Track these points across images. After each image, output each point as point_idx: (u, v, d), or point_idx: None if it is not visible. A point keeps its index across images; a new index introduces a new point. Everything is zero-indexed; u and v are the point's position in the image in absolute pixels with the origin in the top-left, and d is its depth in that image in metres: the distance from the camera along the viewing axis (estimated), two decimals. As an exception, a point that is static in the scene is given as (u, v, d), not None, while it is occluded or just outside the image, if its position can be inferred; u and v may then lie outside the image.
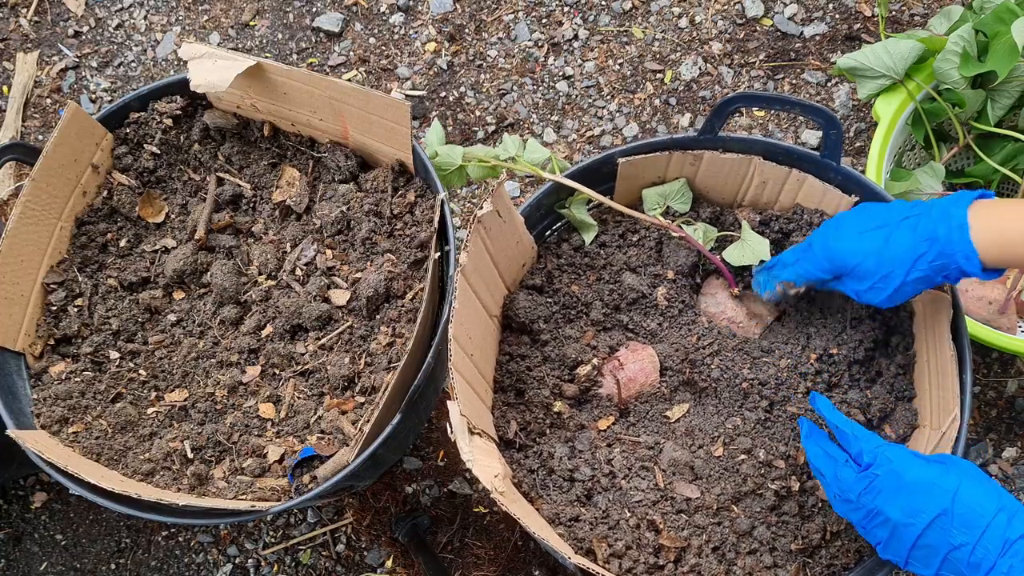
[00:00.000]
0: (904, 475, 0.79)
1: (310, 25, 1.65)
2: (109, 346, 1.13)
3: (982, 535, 0.75)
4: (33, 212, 1.09)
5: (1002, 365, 1.37)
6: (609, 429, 1.02)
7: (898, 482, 0.79)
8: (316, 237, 1.14)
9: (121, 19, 1.70)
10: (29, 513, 1.42)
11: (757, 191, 1.08)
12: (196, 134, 1.19)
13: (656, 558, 0.92)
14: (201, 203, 1.19)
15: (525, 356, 1.04)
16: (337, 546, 1.37)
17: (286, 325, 1.10)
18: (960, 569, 0.77)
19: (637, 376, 1.02)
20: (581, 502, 0.96)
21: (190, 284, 1.16)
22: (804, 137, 1.49)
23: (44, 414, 1.06)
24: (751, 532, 0.94)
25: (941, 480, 0.78)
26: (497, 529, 1.34)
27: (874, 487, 0.81)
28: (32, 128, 1.65)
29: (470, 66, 1.60)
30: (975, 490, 0.77)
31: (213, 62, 1.09)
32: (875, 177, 1.23)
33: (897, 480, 0.80)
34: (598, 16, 1.61)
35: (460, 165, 1.08)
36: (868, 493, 0.81)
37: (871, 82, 1.29)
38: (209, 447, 1.06)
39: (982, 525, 0.75)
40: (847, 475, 0.83)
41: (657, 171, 1.08)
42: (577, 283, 1.09)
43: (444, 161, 1.07)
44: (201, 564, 1.38)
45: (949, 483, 0.78)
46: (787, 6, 1.57)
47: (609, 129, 1.53)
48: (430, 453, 1.39)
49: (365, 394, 1.05)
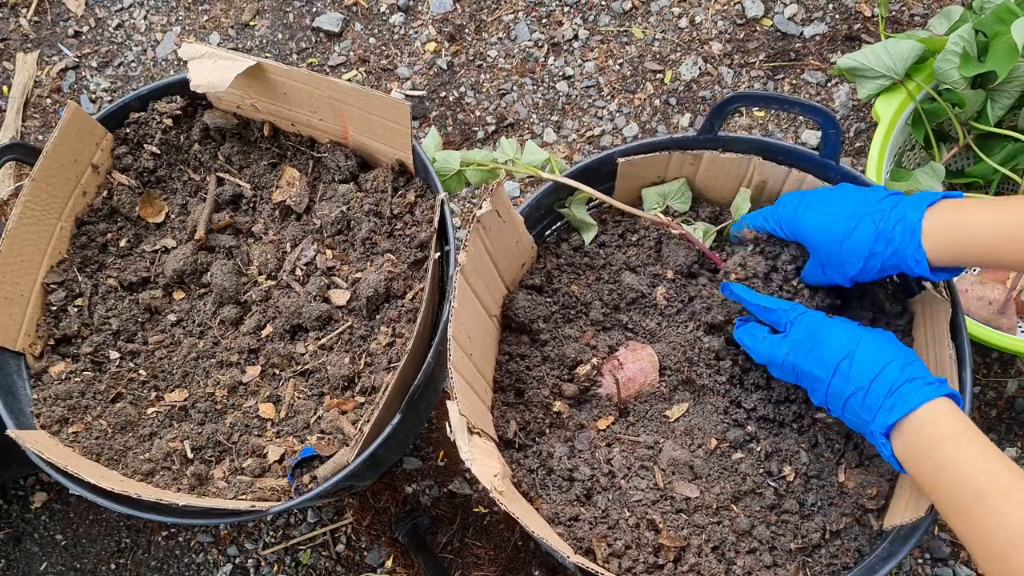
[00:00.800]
0: (816, 331, 0.89)
1: (310, 25, 1.65)
2: (109, 346, 1.13)
3: (874, 380, 0.82)
4: (33, 212, 1.09)
5: (1002, 365, 1.37)
6: (608, 429, 1.02)
7: (811, 339, 0.89)
8: (316, 237, 1.14)
9: (121, 19, 1.70)
10: (29, 513, 1.42)
11: (757, 191, 1.08)
12: (196, 134, 1.19)
13: (656, 557, 0.92)
14: (201, 203, 1.19)
15: (524, 356, 1.04)
16: (337, 546, 1.37)
17: (286, 325, 1.10)
18: (859, 412, 0.84)
19: (636, 376, 1.02)
20: (580, 502, 0.96)
21: (190, 284, 1.16)
22: (804, 137, 1.49)
23: (44, 414, 1.06)
24: (751, 531, 0.94)
25: (847, 333, 0.87)
26: (497, 529, 1.34)
27: (794, 347, 0.90)
28: (32, 128, 1.65)
29: (470, 66, 1.60)
30: (875, 340, 0.85)
31: (213, 62, 1.09)
32: (875, 177, 1.23)
33: (811, 337, 0.89)
34: (598, 16, 1.61)
35: (459, 170, 1.08)
36: (790, 353, 0.90)
37: (871, 82, 1.29)
38: (209, 447, 1.06)
39: (876, 370, 0.82)
40: (770, 343, 0.93)
41: (657, 171, 1.09)
42: (576, 283, 1.09)
43: (442, 167, 1.07)
44: (201, 564, 1.38)
45: (853, 335, 0.86)
46: (787, 6, 1.57)
47: (609, 129, 1.53)
48: (430, 453, 1.39)
49: (365, 394, 1.05)
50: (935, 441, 0.77)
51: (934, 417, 0.78)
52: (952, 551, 1.28)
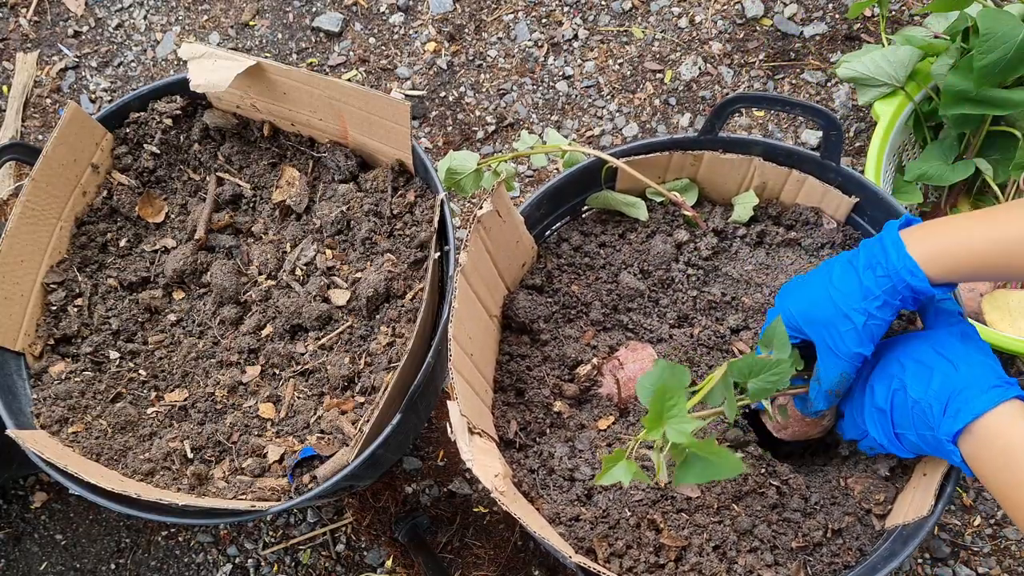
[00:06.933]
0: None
1: (310, 25, 1.65)
2: (109, 346, 1.13)
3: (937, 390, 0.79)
4: (33, 212, 1.09)
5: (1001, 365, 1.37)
6: (609, 429, 1.02)
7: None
8: (316, 237, 1.14)
9: (121, 19, 1.70)
10: (29, 513, 1.42)
11: (757, 191, 1.08)
12: (196, 134, 1.19)
13: (657, 557, 0.92)
14: (201, 203, 1.19)
15: (525, 356, 1.04)
16: (337, 546, 1.37)
17: (286, 325, 1.10)
18: (920, 426, 0.82)
19: (637, 375, 1.02)
20: (581, 501, 0.96)
21: (190, 284, 1.16)
22: (804, 137, 1.49)
23: (44, 414, 1.06)
24: (752, 530, 0.94)
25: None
26: (497, 529, 1.34)
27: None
28: (32, 128, 1.65)
29: (470, 66, 1.60)
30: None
31: (213, 62, 1.09)
32: (874, 177, 1.23)
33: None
34: (598, 16, 1.61)
35: (476, 168, 1.05)
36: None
37: (872, 90, 1.30)
38: (209, 447, 1.06)
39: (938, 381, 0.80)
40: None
41: (657, 171, 1.09)
42: (577, 283, 1.09)
43: (459, 165, 1.04)
44: (201, 564, 1.38)
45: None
46: (787, 6, 1.57)
47: (609, 129, 1.53)
48: (430, 453, 1.39)
49: (365, 394, 1.05)
50: (1009, 451, 0.73)
51: (1006, 423, 0.74)
52: (952, 551, 1.28)
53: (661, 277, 1.07)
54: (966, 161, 1.26)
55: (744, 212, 1.08)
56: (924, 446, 0.83)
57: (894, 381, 0.84)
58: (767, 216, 1.10)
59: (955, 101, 1.21)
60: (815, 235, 1.07)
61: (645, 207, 1.09)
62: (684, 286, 1.07)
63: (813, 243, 1.07)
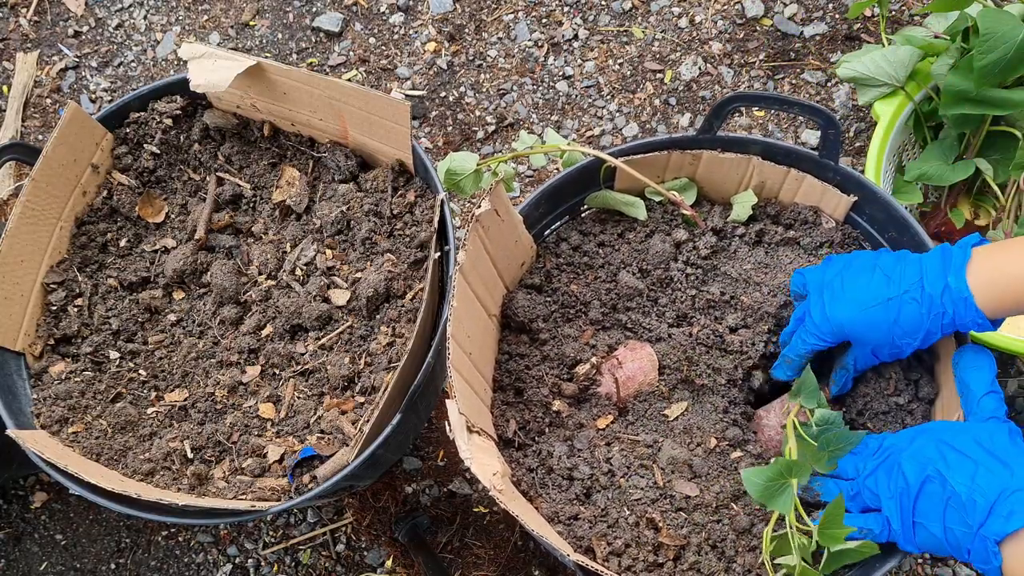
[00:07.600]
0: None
1: (310, 25, 1.65)
2: (109, 346, 1.13)
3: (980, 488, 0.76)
4: (33, 212, 1.10)
5: (1001, 365, 1.37)
6: (608, 428, 1.02)
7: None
8: (316, 237, 1.14)
9: (121, 19, 1.71)
10: (29, 513, 1.42)
11: (756, 190, 1.08)
12: (196, 134, 1.19)
13: (655, 556, 0.92)
14: (201, 203, 1.19)
15: (524, 355, 1.04)
16: (337, 546, 1.37)
17: (286, 325, 1.10)
18: (953, 520, 0.77)
19: (636, 375, 1.02)
20: (580, 500, 0.96)
21: (190, 284, 1.17)
22: (804, 137, 1.49)
23: (44, 414, 1.06)
24: (750, 529, 0.94)
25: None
26: (497, 529, 1.34)
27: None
28: (32, 128, 1.65)
29: (470, 66, 1.60)
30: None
31: (213, 62, 1.09)
32: (874, 177, 1.23)
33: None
34: (598, 16, 1.61)
35: (476, 169, 1.05)
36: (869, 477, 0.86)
37: (873, 90, 1.30)
38: (209, 447, 1.06)
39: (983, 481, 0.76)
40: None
41: (656, 171, 1.09)
42: (576, 282, 1.09)
43: (459, 166, 1.04)
44: (201, 564, 1.38)
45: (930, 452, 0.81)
46: (787, 6, 1.57)
47: (609, 129, 1.53)
48: (430, 453, 1.39)
49: (365, 394, 1.05)
50: None
51: None
52: (952, 550, 1.28)
53: (660, 276, 1.07)
54: (966, 161, 1.25)
55: (743, 211, 1.08)
56: (945, 543, 0.78)
57: (928, 467, 0.79)
58: (766, 215, 1.10)
59: (955, 101, 1.21)
60: (814, 234, 1.07)
61: (644, 206, 1.09)
62: (683, 285, 1.07)
63: (812, 242, 1.07)
